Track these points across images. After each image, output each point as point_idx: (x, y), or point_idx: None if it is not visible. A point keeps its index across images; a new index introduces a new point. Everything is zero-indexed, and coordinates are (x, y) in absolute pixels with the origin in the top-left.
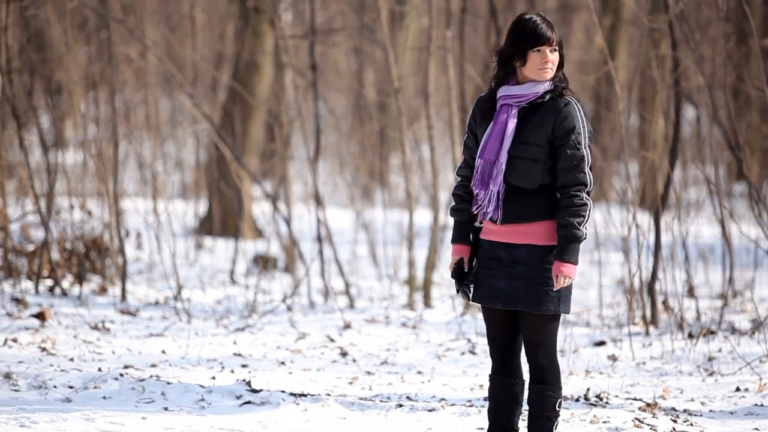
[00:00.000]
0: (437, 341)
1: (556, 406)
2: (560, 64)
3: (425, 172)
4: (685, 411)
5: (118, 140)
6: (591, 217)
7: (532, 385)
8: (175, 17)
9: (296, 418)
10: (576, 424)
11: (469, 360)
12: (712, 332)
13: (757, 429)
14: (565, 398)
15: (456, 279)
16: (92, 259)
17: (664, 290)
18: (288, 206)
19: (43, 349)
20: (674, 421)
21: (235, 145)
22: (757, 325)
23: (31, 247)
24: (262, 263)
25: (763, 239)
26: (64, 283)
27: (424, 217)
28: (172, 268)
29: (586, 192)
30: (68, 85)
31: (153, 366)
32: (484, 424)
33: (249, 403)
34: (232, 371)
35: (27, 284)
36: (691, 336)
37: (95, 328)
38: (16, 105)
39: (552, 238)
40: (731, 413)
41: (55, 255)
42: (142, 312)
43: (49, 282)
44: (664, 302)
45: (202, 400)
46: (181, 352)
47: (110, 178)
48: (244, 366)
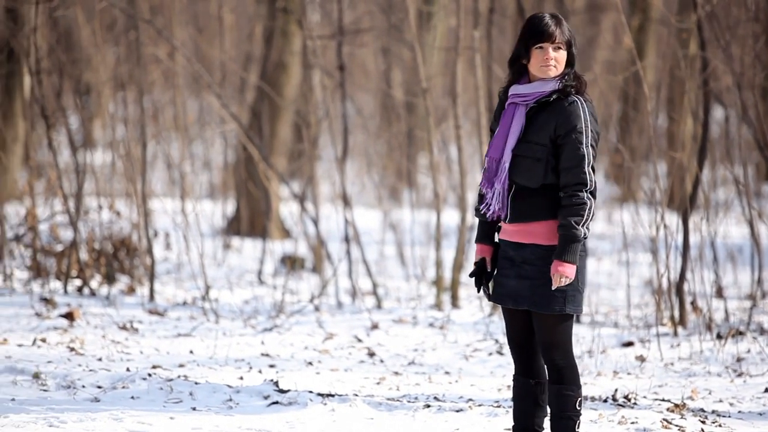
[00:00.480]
0: (465, 342)
1: (576, 405)
2: (570, 63)
3: (453, 172)
4: (713, 412)
5: (146, 140)
6: (592, 217)
7: (551, 386)
8: (204, 18)
9: (324, 418)
10: (604, 425)
11: (496, 360)
12: (741, 333)
13: None
14: (593, 399)
15: (475, 278)
16: (120, 259)
17: (692, 291)
18: (315, 206)
19: (72, 349)
20: (702, 422)
21: (262, 146)
22: None
23: (59, 247)
24: (290, 263)
25: None
26: (93, 283)
27: (452, 218)
28: (200, 269)
29: (588, 192)
30: (97, 86)
31: (181, 366)
32: (511, 425)
33: (276, 403)
34: (260, 371)
35: (56, 284)
36: (719, 336)
37: (123, 328)
38: (45, 105)
39: (556, 237)
40: (760, 414)
41: (84, 255)
42: (170, 312)
43: (78, 282)
44: (693, 303)
45: (230, 400)
46: (208, 352)
47: (138, 178)
48: (271, 366)
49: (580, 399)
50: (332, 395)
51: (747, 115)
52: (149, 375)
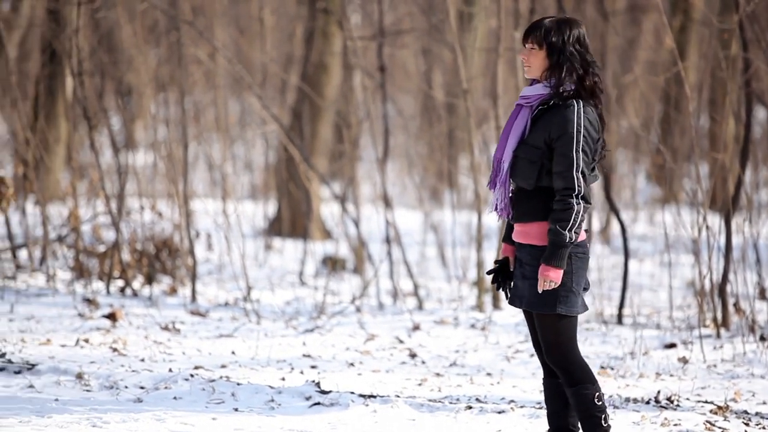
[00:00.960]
0: (506, 343)
1: (595, 400)
2: (557, 67)
3: None
4: (757, 414)
5: (187, 141)
6: (580, 222)
7: (567, 389)
8: (244, 19)
9: (365, 419)
10: (647, 427)
11: (538, 362)
12: None
13: None
14: (636, 400)
15: (492, 277)
16: (162, 259)
17: (735, 292)
18: (356, 207)
19: (115, 350)
20: (746, 425)
21: (303, 147)
22: None
23: (102, 248)
24: (331, 264)
25: None
26: (135, 284)
27: (493, 218)
28: (241, 269)
29: (578, 196)
30: (138, 87)
31: (223, 367)
32: (547, 429)
33: (318, 404)
34: (302, 372)
35: (98, 285)
36: (762, 338)
37: (166, 328)
38: (87, 107)
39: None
40: None
41: (126, 256)
42: (212, 313)
43: (120, 283)
44: (735, 304)
45: (272, 401)
46: (250, 353)
47: (180, 179)
48: (313, 367)
49: (597, 393)
50: (374, 396)
51: None
52: (191, 376)
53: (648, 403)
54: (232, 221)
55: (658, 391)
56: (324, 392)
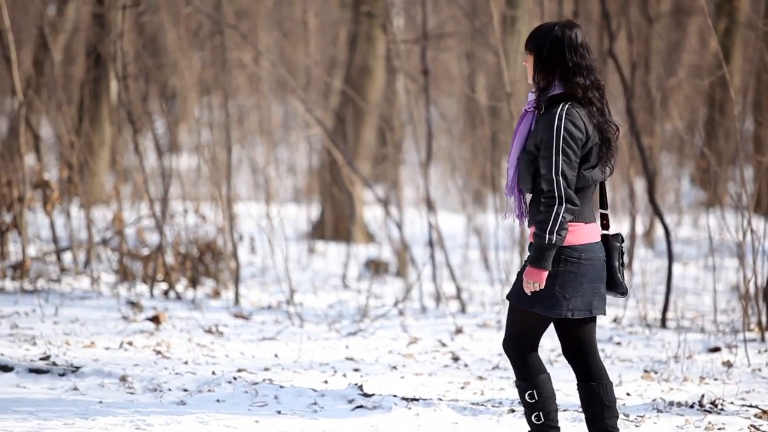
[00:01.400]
0: (549, 346)
1: (527, 397)
2: (540, 72)
3: None
4: None
5: (231, 145)
6: (560, 224)
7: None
8: (288, 22)
9: (408, 422)
10: (690, 431)
11: None
12: None
13: None
14: (679, 404)
15: None
16: (206, 263)
17: None
18: (399, 210)
19: (158, 352)
20: None
21: (347, 150)
22: None
23: (146, 251)
24: (374, 267)
25: None
26: (179, 287)
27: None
28: (284, 273)
29: (558, 198)
30: (182, 91)
31: (266, 370)
32: None
33: (361, 407)
34: (344, 375)
35: (142, 288)
36: None
37: (209, 331)
38: (132, 110)
39: None
40: None
41: (170, 259)
42: (255, 316)
43: (164, 286)
44: None
45: (315, 404)
46: (293, 356)
47: (224, 182)
48: (356, 370)
49: (530, 392)
50: (416, 399)
51: None
52: (234, 378)
53: (692, 407)
54: (276, 224)
55: (702, 395)
56: (367, 395)
